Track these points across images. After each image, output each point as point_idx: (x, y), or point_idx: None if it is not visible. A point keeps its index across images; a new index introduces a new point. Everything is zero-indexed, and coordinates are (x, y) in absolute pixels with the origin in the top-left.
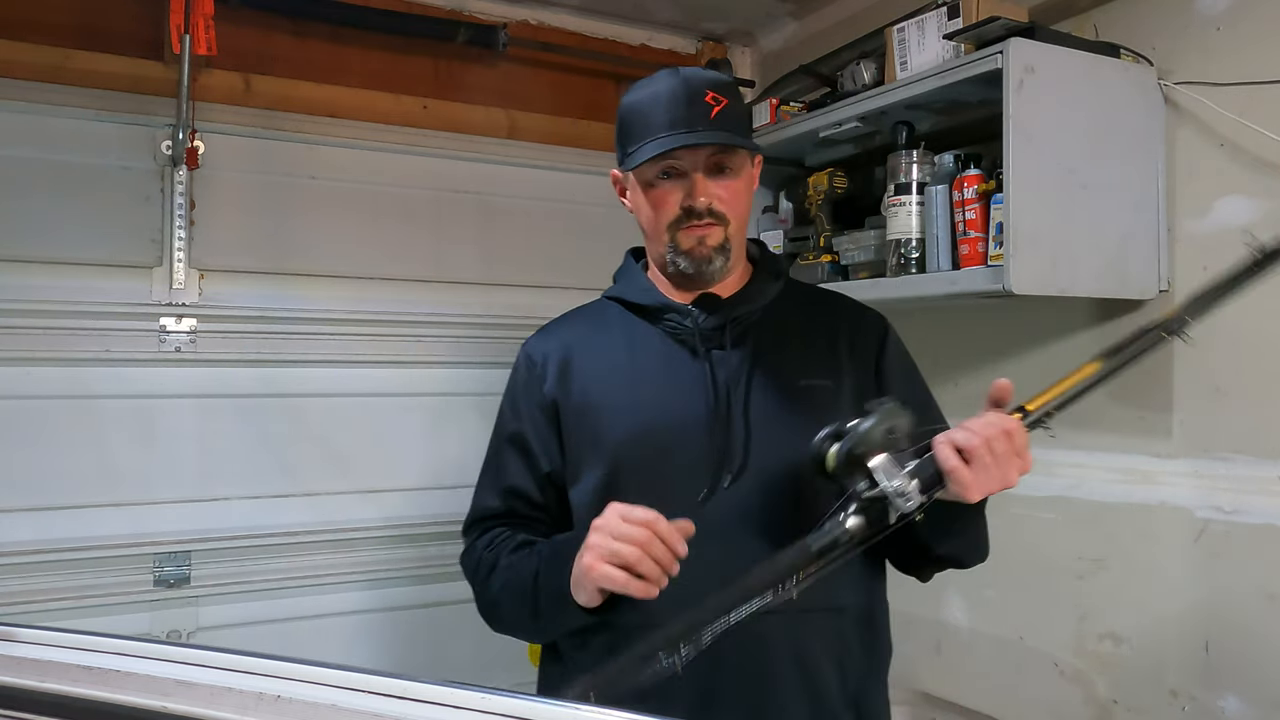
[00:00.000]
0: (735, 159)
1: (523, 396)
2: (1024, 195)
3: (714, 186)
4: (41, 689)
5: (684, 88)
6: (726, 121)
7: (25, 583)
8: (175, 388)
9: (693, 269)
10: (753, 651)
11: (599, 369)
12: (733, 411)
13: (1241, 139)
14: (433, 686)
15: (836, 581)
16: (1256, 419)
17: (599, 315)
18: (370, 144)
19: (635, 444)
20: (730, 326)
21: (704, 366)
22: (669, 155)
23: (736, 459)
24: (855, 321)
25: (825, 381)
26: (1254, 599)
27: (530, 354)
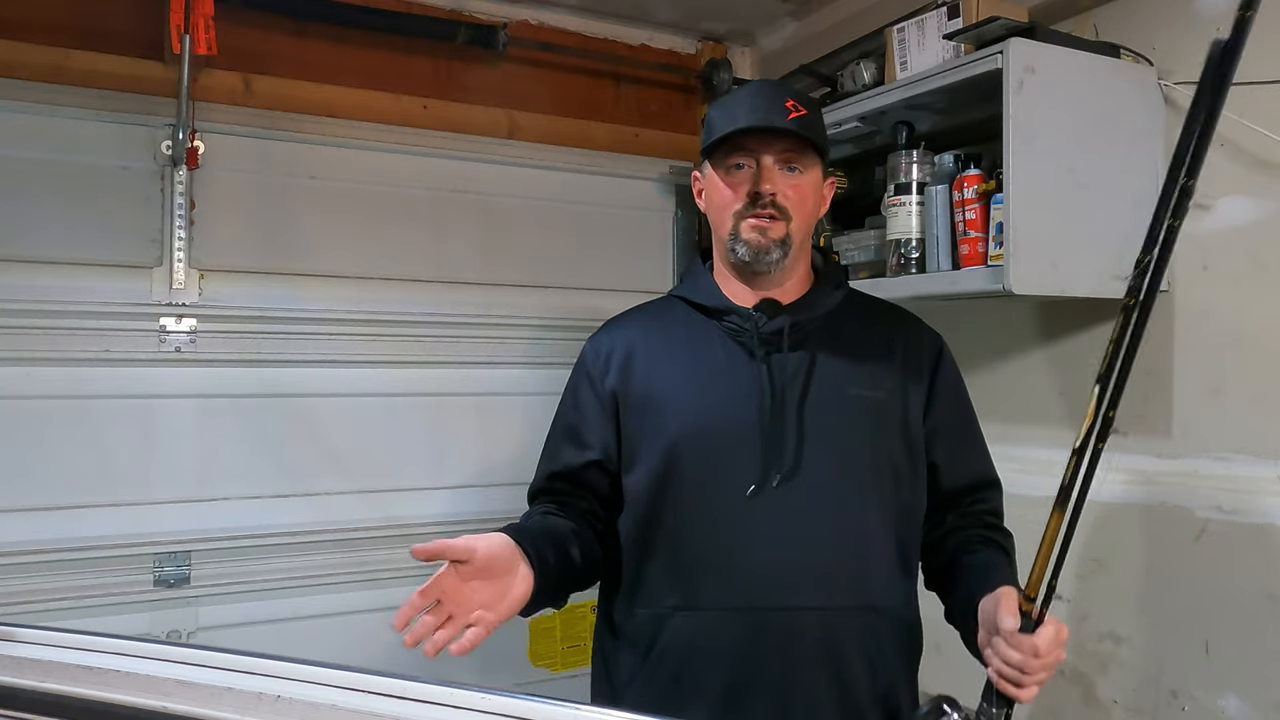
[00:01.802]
0: (806, 161)
1: (583, 389)
2: (1024, 195)
3: (781, 180)
4: (41, 689)
5: (767, 91)
6: (803, 126)
7: (25, 583)
8: (175, 388)
9: (750, 256)
10: (785, 645)
11: (660, 365)
12: (786, 414)
13: (1241, 139)
14: (433, 686)
15: (872, 582)
16: (1256, 419)
17: (664, 312)
18: (370, 144)
19: (690, 439)
20: (789, 331)
21: (761, 369)
22: (742, 144)
23: (787, 460)
24: (912, 337)
25: (878, 393)
26: (1254, 599)
27: (596, 348)
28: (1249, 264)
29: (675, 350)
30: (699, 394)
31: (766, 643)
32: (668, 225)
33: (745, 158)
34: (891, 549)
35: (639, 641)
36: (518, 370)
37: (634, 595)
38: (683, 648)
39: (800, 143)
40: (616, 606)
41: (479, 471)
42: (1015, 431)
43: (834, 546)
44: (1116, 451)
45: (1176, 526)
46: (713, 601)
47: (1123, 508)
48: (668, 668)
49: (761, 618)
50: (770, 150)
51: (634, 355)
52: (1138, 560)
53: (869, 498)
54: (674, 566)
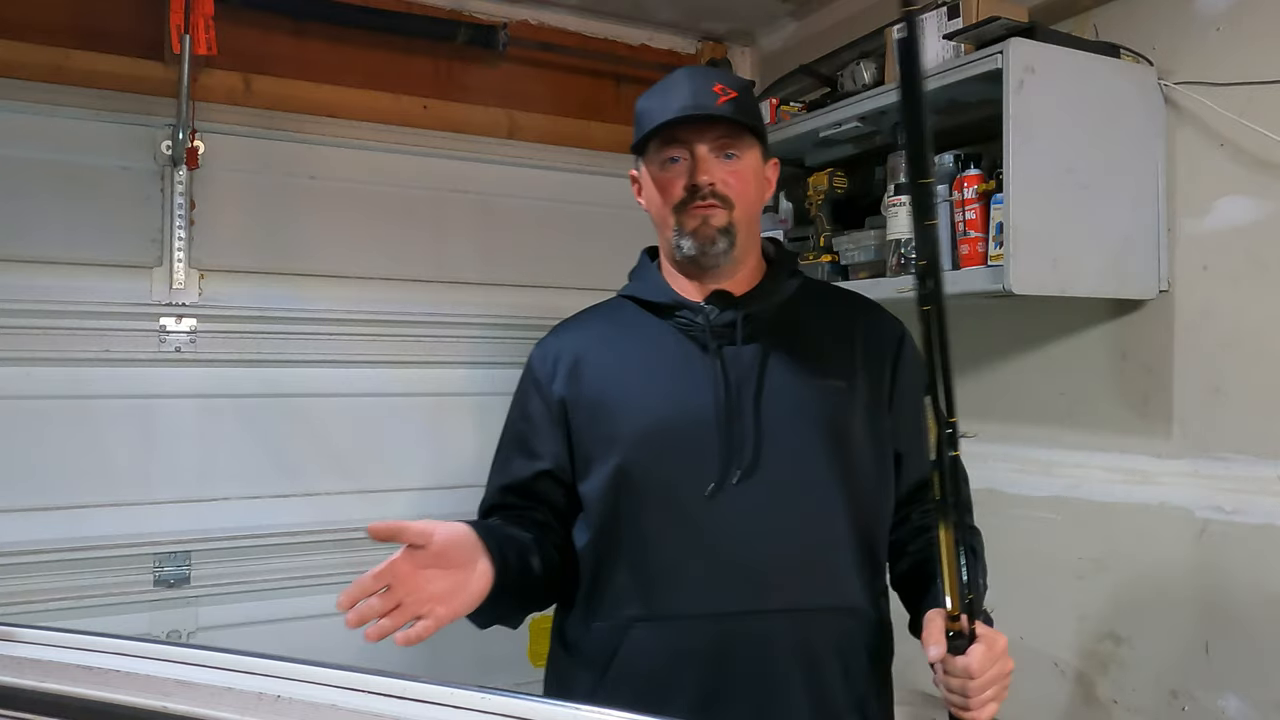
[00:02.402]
0: (742, 145)
1: (531, 397)
2: (1024, 195)
3: (719, 168)
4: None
5: (693, 80)
6: (736, 110)
7: (25, 583)
8: (175, 388)
9: (696, 250)
10: (758, 650)
11: (611, 366)
12: (743, 409)
13: (1241, 139)
14: (433, 686)
15: (842, 580)
16: (1256, 419)
17: (613, 313)
18: (370, 144)
19: (645, 440)
20: (743, 323)
21: (715, 363)
22: (674, 136)
23: (746, 456)
24: (872, 324)
25: (838, 382)
26: (1254, 599)
27: (542, 355)
28: (1249, 264)
29: (626, 351)
30: (651, 394)
31: (735, 649)
32: None
33: (679, 150)
34: (857, 544)
35: (597, 657)
36: (518, 370)
37: (590, 607)
38: (645, 660)
39: (735, 128)
40: (571, 621)
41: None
42: (1015, 431)
43: (801, 544)
44: (1116, 451)
45: (1176, 526)
46: (676, 609)
47: (1123, 508)
48: (630, 683)
49: (729, 623)
50: (704, 139)
51: (583, 359)
52: (1138, 560)
53: (833, 492)
54: (633, 574)
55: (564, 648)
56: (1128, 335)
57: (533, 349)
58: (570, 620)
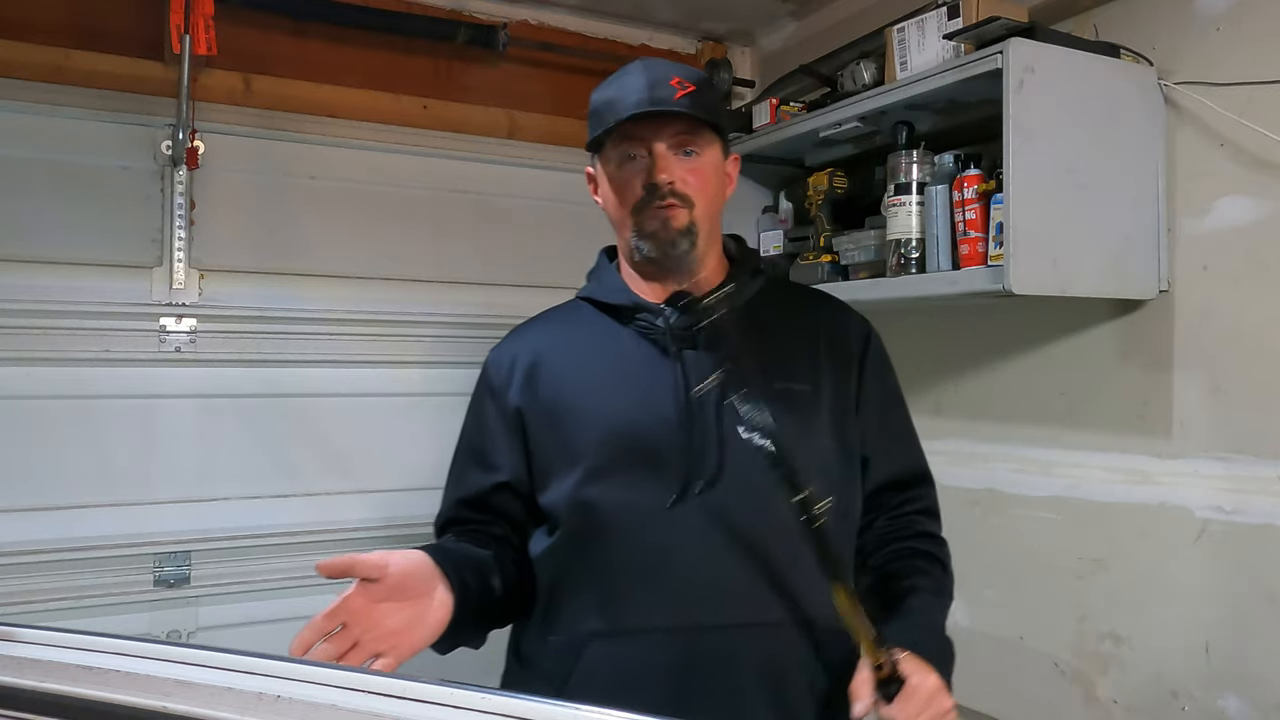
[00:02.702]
0: (702, 141)
1: (487, 406)
2: (1024, 195)
3: (678, 166)
4: (41, 689)
5: (650, 71)
6: (692, 106)
7: (25, 583)
8: (175, 388)
9: (657, 252)
10: (720, 666)
11: (569, 373)
12: (705, 415)
13: (1241, 139)
14: (433, 686)
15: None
16: (1256, 419)
17: (570, 316)
18: (370, 144)
19: (605, 449)
20: (704, 326)
21: (676, 367)
22: (631, 132)
23: (709, 465)
24: (838, 324)
25: (804, 385)
26: (1254, 599)
27: (496, 361)
28: (1249, 264)
29: (584, 356)
30: (611, 401)
31: (700, 665)
32: None
33: (636, 147)
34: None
35: (553, 674)
36: None
37: (547, 622)
38: (603, 677)
39: (694, 123)
40: (526, 636)
41: None
42: (1015, 431)
43: (765, 556)
44: (1116, 451)
45: (1176, 526)
46: (635, 624)
47: (1123, 508)
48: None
49: (691, 639)
50: (662, 135)
51: (539, 364)
52: (1138, 560)
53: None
54: (591, 589)
55: (519, 662)
56: (1128, 335)
57: (488, 353)
58: (526, 635)
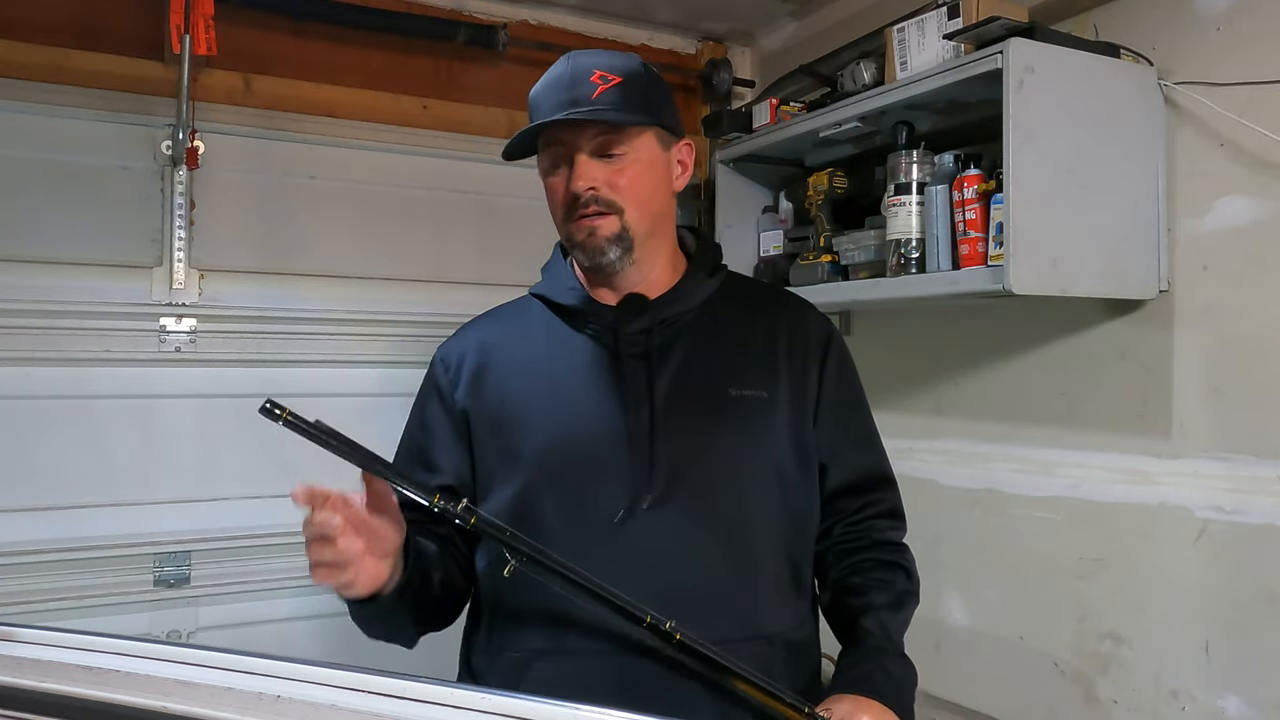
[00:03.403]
0: (627, 141)
1: (431, 406)
2: (1024, 195)
3: (601, 171)
4: (41, 689)
5: (570, 70)
6: (615, 101)
7: (25, 583)
8: (175, 388)
9: (589, 261)
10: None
11: (516, 375)
12: (655, 426)
13: (1241, 139)
14: (433, 686)
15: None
16: (1256, 419)
17: (520, 314)
18: (370, 144)
19: (551, 459)
20: (657, 329)
21: (627, 374)
22: (553, 137)
23: (659, 480)
24: (798, 325)
25: (759, 391)
26: (1254, 599)
27: (444, 359)
28: (1249, 264)
29: (532, 357)
30: (558, 408)
31: (643, 683)
32: None
33: (560, 152)
34: (781, 566)
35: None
36: None
37: (492, 638)
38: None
39: (615, 123)
40: (474, 651)
41: None
42: (1015, 431)
43: (716, 573)
44: (1116, 451)
45: (1176, 526)
46: (581, 644)
47: (1123, 508)
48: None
49: (637, 657)
50: (582, 139)
51: (486, 365)
52: (1138, 560)
53: (754, 513)
54: (535, 605)
55: (471, 675)
56: (1128, 335)
57: (436, 351)
58: (474, 649)
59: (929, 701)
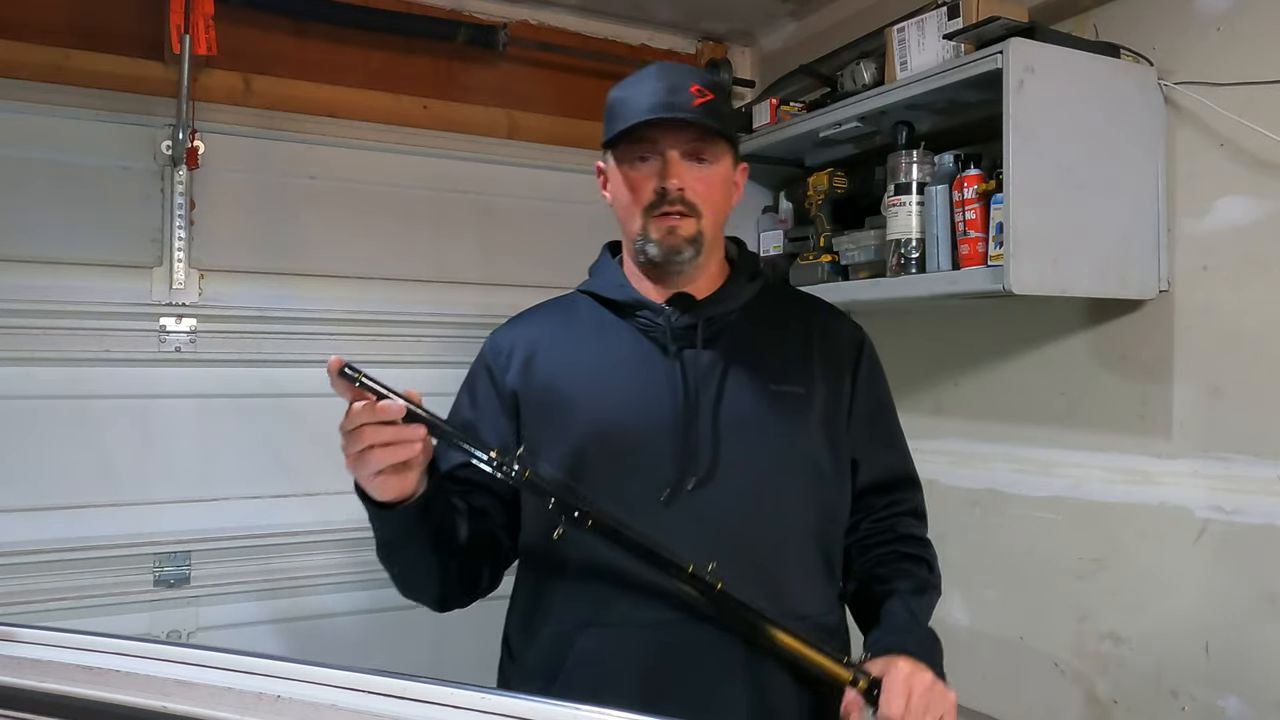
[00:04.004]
0: (714, 150)
1: (482, 384)
2: (1024, 195)
3: (690, 174)
4: (41, 689)
5: (670, 76)
6: (709, 114)
7: (25, 583)
8: (175, 388)
9: (661, 257)
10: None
11: (566, 363)
12: (700, 413)
13: (1241, 139)
14: (433, 686)
15: (794, 588)
16: (1256, 419)
17: (570, 309)
18: (370, 144)
19: (598, 441)
20: (703, 326)
21: (674, 365)
22: (645, 135)
23: (702, 462)
24: (832, 330)
25: (797, 388)
26: (1254, 599)
27: (496, 344)
28: (1249, 264)
29: (582, 348)
30: (607, 394)
31: (682, 658)
32: None
33: (650, 149)
34: (814, 553)
35: (543, 666)
36: None
37: (535, 615)
38: (592, 668)
39: (708, 132)
40: (515, 629)
41: None
42: (1015, 431)
43: (754, 554)
44: (1116, 451)
45: (1176, 526)
46: (624, 617)
47: (1123, 508)
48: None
49: (676, 630)
50: (676, 142)
51: (537, 353)
52: (1138, 560)
53: (789, 499)
54: (581, 581)
55: (510, 655)
56: (1128, 335)
57: (487, 338)
58: (514, 627)
59: None
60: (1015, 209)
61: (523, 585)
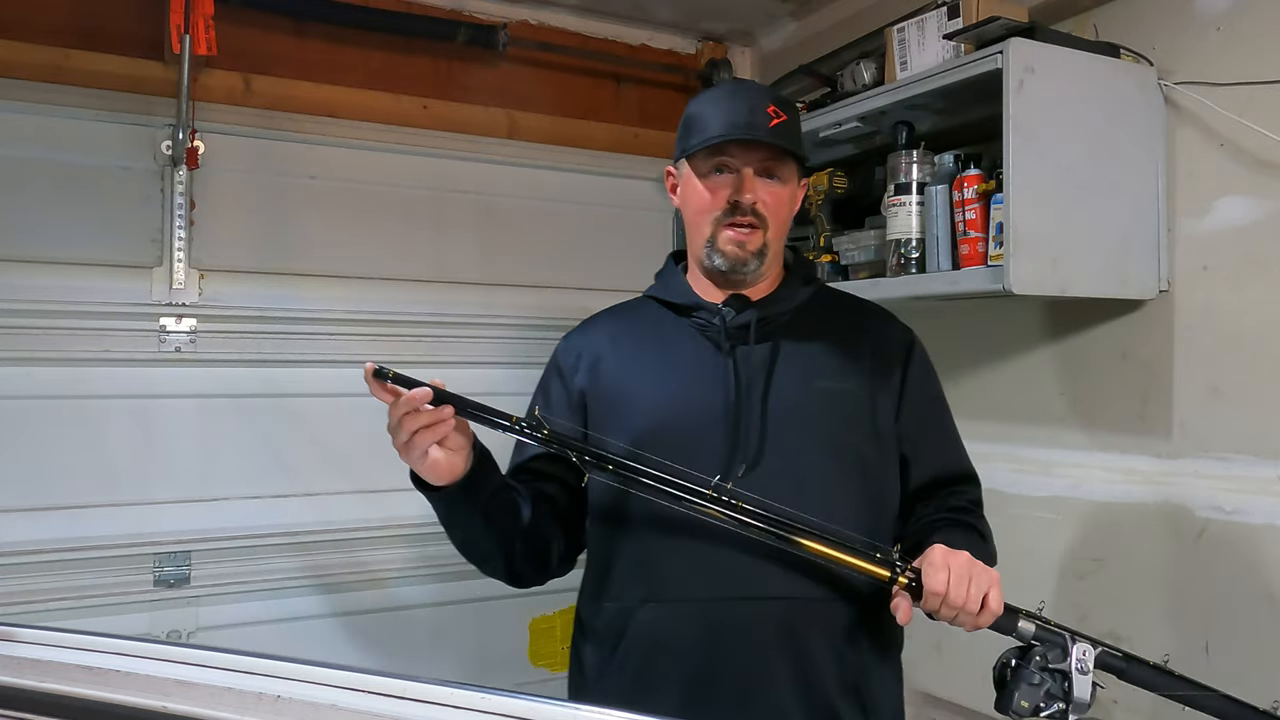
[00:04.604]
0: (785, 169)
1: (554, 384)
2: (1024, 195)
3: (761, 189)
4: (41, 689)
5: (749, 96)
6: (783, 134)
7: (25, 583)
8: (175, 388)
9: (727, 267)
10: (749, 633)
11: (629, 363)
12: (750, 406)
13: (1241, 139)
14: (433, 686)
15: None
16: (1256, 419)
17: (636, 311)
18: (370, 144)
19: (655, 431)
20: (756, 325)
21: (727, 362)
22: (720, 150)
23: (751, 451)
24: (883, 333)
25: (845, 385)
26: (1254, 599)
27: (567, 348)
28: (1249, 264)
29: (645, 348)
30: (665, 388)
31: (729, 633)
32: (668, 225)
33: (727, 163)
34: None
35: (607, 637)
36: (518, 370)
37: (601, 590)
38: (649, 639)
39: (781, 152)
40: (584, 603)
41: None
42: (1015, 431)
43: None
44: (1116, 451)
45: (1176, 526)
46: (678, 593)
47: (1123, 508)
48: (633, 661)
49: (725, 608)
50: (751, 160)
51: (604, 355)
52: (1138, 560)
53: (834, 487)
54: (640, 559)
55: (581, 627)
56: (1128, 335)
57: (559, 342)
58: (584, 602)
59: (929, 701)
60: (1015, 209)
61: (591, 566)
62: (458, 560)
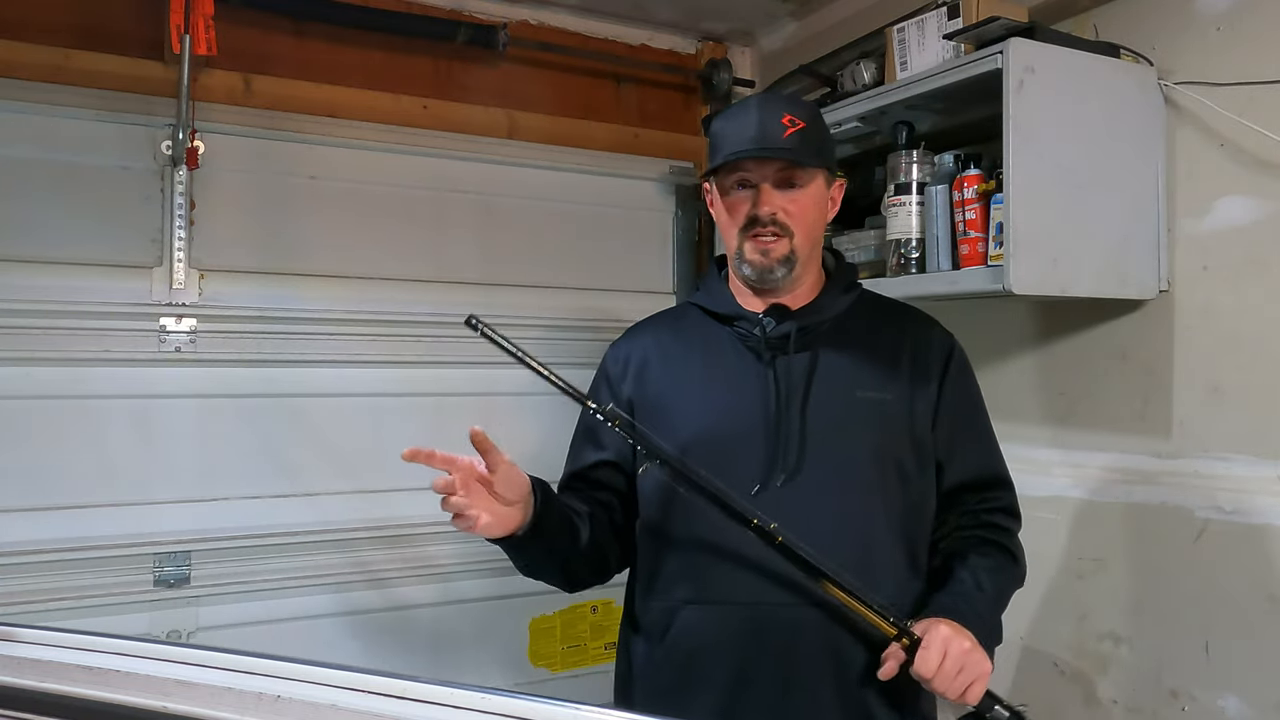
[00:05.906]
0: (805, 175)
1: (602, 393)
2: (1024, 195)
3: (780, 199)
4: (41, 689)
5: (765, 109)
6: (799, 142)
7: (25, 583)
8: (175, 388)
9: (755, 276)
10: (788, 638)
11: (674, 370)
12: (790, 415)
13: (1241, 139)
14: (432, 686)
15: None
16: (1256, 419)
17: (680, 319)
18: (370, 144)
19: (697, 439)
20: (796, 335)
21: (768, 372)
22: (738, 166)
23: (790, 460)
24: (922, 339)
25: (884, 395)
26: (1254, 599)
27: (616, 354)
28: (1249, 264)
29: (688, 356)
30: (707, 397)
31: (769, 637)
32: (668, 225)
33: (745, 178)
34: (898, 547)
35: (653, 632)
36: (518, 370)
37: (649, 588)
38: (691, 638)
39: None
40: (635, 599)
41: None
42: (1015, 431)
43: (837, 543)
44: (1116, 451)
45: (1176, 526)
46: (720, 595)
47: (1123, 508)
48: (676, 657)
49: (765, 612)
50: (767, 172)
51: (649, 362)
52: (1138, 560)
53: (873, 496)
54: (684, 561)
55: (630, 623)
56: (1128, 335)
57: (607, 349)
58: (635, 598)
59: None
60: (1015, 209)
61: (640, 565)
62: (458, 560)
